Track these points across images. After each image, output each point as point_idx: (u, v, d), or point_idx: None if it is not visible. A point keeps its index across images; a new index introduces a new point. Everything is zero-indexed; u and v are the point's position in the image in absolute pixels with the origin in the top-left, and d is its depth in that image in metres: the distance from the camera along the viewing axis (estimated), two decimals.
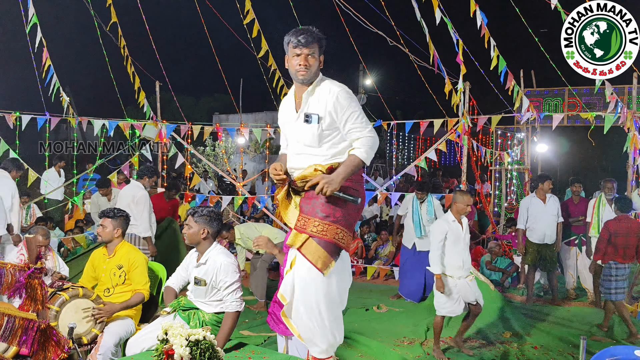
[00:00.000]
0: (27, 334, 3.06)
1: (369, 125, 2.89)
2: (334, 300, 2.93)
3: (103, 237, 4.20)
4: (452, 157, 21.76)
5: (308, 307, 2.89)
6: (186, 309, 3.70)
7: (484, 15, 6.42)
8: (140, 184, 6.48)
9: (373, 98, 24.78)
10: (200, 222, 3.65)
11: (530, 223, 6.99)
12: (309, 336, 2.94)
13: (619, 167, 13.36)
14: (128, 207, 6.18)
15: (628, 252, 5.81)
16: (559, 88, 9.70)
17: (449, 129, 7.86)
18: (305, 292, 2.89)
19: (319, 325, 2.90)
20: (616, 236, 5.83)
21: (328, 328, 2.91)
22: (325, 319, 2.90)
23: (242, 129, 9.27)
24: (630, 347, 3.13)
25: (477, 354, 5.14)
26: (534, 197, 7.04)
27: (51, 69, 7.83)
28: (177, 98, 9.52)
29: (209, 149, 20.48)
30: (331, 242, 2.86)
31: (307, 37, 2.84)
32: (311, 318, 2.89)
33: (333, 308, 2.94)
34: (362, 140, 2.85)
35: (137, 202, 6.27)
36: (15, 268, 3.18)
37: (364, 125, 2.87)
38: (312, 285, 2.87)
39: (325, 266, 2.84)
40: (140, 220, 6.26)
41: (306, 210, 2.91)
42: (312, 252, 2.86)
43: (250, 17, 8.00)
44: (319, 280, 2.86)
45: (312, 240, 2.86)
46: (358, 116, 2.86)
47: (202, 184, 12.78)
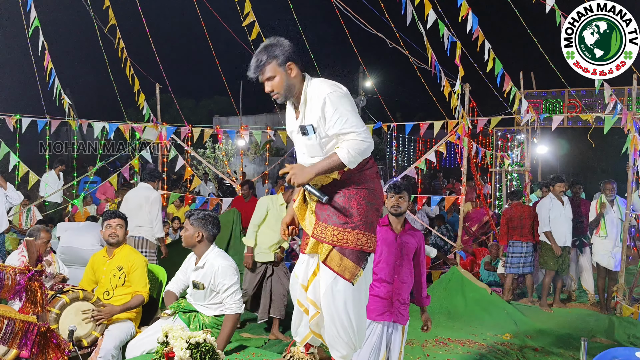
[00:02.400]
0: (27, 336, 3.05)
1: (361, 129, 2.57)
2: (362, 304, 2.82)
3: (120, 237, 4.21)
4: (452, 159, 21.77)
5: (336, 317, 2.75)
6: (186, 311, 3.69)
7: (475, 19, 6.42)
8: (149, 186, 6.46)
9: (373, 100, 24.80)
10: (196, 225, 3.66)
11: (551, 226, 6.85)
12: (331, 342, 2.82)
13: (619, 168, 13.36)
14: (140, 208, 6.16)
15: (524, 232, 7.14)
16: (559, 89, 9.71)
17: (449, 130, 7.86)
18: (333, 302, 2.73)
19: (344, 333, 2.77)
20: (512, 220, 7.21)
21: (353, 335, 2.80)
22: (354, 326, 2.78)
23: (242, 131, 9.27)
24: (632, 348, 3.13)
25: (477, 355, 5.13)
26: (554, 198, 6.94)
27: (53, 72, 7.84)
28: (177, 100, 9.52)
29: (209, 151, 20.49)
30: (355, 249, 2.67)
31: (256, 63, 2.62)
32: (338, 326, 2.76)
33: (361, 313, 2.83)
34: (351, 143, 2.54)
35: (152, 203, 6.25)
36: (16, 271, 3.17)
37: (355, 128, 2.54)
38: (340, 296, 2.71)
39: (353, 276, 2.68)
40: (155, 220, 6.26)
41: (322, 217, 2.73)
42: (337, 264, 2.68)
43: (250, 19, 8.01)
44: (349, 291, 2.71)
45: (336, 251, 2.68)
46: (348, 119, 2.54)
47: (202, 186, 12.78)
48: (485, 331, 5.83)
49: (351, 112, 2.57)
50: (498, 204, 11.17)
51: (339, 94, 2.58)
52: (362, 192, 2.71)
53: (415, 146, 21.44)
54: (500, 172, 11.06)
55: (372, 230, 2.75)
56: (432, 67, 7.18)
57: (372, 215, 2.74)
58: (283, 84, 2.63)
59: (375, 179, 2.81)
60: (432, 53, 7.06)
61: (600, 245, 6.81)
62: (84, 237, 6.06)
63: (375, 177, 2.82)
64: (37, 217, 9.10)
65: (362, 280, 2.76)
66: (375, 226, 2.79)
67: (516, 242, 7.18)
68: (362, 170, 2.72)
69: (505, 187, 10.95)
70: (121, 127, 8.31)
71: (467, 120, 7.67)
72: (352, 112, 2.58)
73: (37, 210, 9.30)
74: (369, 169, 2.76)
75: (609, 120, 6.68)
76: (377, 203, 2.77)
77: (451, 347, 5.33)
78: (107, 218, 4.25)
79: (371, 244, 2.74)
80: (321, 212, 2.74)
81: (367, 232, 2.70)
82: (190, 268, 3.76)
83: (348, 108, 2.58)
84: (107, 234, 4.19)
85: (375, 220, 2.79)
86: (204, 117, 27.64)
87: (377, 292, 3.61)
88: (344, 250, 2.68)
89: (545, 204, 7.00)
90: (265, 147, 16.30)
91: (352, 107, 2.61)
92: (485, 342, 5.47)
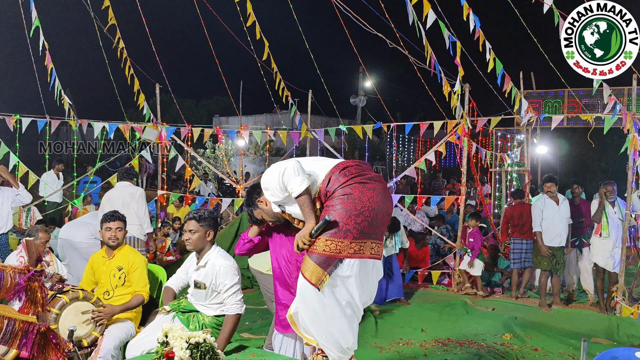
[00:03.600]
0: (27, 336, 3.06)
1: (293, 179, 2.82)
2: (333, 313, 2.90)
3: (120, 239, 4.19)
4: (452, 159, 21.76)
5: (311, 319, 2.91)
6: (185, 311, 3.69)
7: (477, 19, 6.42)
8: (129, 183, 6.56)
9: (373, 100, 24.82)
10: (205, 226, 3.65)
11: (544, 226, 6.85)
12: (321, 343, 2.97)
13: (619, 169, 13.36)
14: (126, 206, 6.19)
15: (524, 229, 7.40)
16: (559, 90, 9.71)
17: (449, 130, 7.86)
18: (306, 306, 2.91)
19: (324, 335, 2.92)
20: (513, 218, 7.58)
21: (335, 337, 2.92)
22: (331, 331, 2.91)
23: (242, 131, 9.27)
24: (631, 349, 3.13)
25: (476, 355, 5.13)
26: (547, 198, 6.93)
27: (53, 72, 7.84)
28: (177, 100, 9.53)
29: (209, 151, 20.49)
30: (321, 255, 2.79)
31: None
32: (316, 329, 2.92)
33: (335, 320, 2.91)
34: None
35: (138, 199, 6.31)
36: (15, 271, 3.17)
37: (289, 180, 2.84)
38: (310, 301, 2.88)
39: (319, 281, 2.80)
40: (144, 217, 6.32)
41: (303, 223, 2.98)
42: (307, 268, 2.83)
43: (251, 20, 8.02)
44: (315, 295, 2.84)
45: (307, 256, 2.85)
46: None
47: (202, 186, 12.79)
48: (485, 331, 5.83)
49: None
50: (498, 204, 11.17)
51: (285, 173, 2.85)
52: (336, 201, 2.82)
53: (415, 146, 21.46)
54: (500, 172, 11.06)
55: (342, 235, 2.78)
56: (431, 67, 7.18)
57: (348, 222, 2.79)
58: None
59: (354, 186, 2.85)
60: (432, 53, 7.06)
61: (599, 245, 6.80)
62: (79, 231, 6.12)
63: (355, 185, 2.85)
64: (37, 217, 9.10)
65: (328, 288, 2.84)
66: (356, 231, 2.80)
67: (517, 239, 7.50)
68: (340, 186, 2.84)
69: (505, 187, 10.95)
70: (121, 127, 8.31)
71: (467, 120, 7.67)
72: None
73: (37, 210, 9.29)
74: (344, 183, 2.85)
75: (609, 121, 6.68)
76: (358, 208, 2.80)
77: (450, 347, 5.33)
78: (107, 220, 4.19)
79: (341, 250, 2.78)
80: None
81: (337, 239, 2.78)
82: (191, 268, 3.76)
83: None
84: (107, 237, 4.16)
85: (351, 226, 2.79)
86: (204, 117, 27.67)
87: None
88: (312, 256, 2.82)
89: (537, 204, 7.02)
90: (265, 147, 16.31)
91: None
92: (485, 342, 5.47)
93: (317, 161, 3.08)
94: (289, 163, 2.88)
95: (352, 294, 2.92)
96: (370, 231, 2.83)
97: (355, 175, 2.88)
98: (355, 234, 2.79)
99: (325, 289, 2.83)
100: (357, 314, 3.00)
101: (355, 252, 2.81)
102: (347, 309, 2.92)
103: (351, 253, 2.80)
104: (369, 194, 2.84)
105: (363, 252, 2.83)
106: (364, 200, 2.81)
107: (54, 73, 7.84)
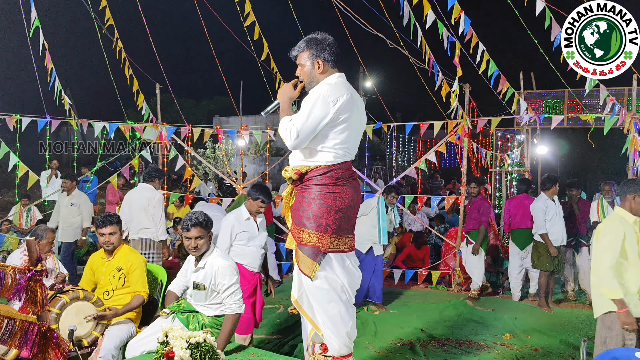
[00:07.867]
0: (27, 336, 3.05)
1: (298, 126, 2.90)
2: (331, 297, 3.05)
3: (115, 243, 4.18)
4: (452, 159, 21.77)
5: (311, 304, 3.10)
6: (185, 311, 3.69)
7: (468, 22, 6.41)
8: (150, 186, 6.32)
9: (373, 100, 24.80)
10: (209, 230, 3.66)
11: (548, 227, 6.75)
12: (323, 330, 3.09)
13: (619, 169, 13.36)
14: (144, 211, 6.11)
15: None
16: (559, 90, 9.71)
17: (449, 131, 7.86)
18: (306, 293, 3.11)
19: (325, 319, 3.06)
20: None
21: (334, 321, 3.06)
22: (329, 322, 3.06)
23: (242, 131, 9.27)
24: (632, 348, 3.13)
25: (476, 355, 5.13)
26: (548, 199, 6.83)
27: (53, 72, 7.84)
28: (177, 100, 9.53)
29: (209, 151, 20.50)
30: (308, 246, 2.98)
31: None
32: (318, 314, 3.08)
33: (333, 304, 3.06)
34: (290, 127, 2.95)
35: (155, 204, 6.15)
36: (16, 270, 3.17)
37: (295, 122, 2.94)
38: (307, 287, 3.08)
39: (311, 271, 2.98)
40: (159, 223, 6.16)
41: (293, 216, 3.10)
42: (300, 260, 3.03)
43: (251, 19, 8.02)
44: (310, 285, 3.04)
45: (298, 249, 3.03)
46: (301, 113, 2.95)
47: (202, 186, 12.78)
48: (485, 331, 5.83)
49: (306, 112, 2.89)
50: (498, 204, 11.17)
51: (322, 97, 2.90)
52: (316, 195, 2.97)
53: (415, 146, 21.45)
54: (500, 172, 11.06)
55: (322, 229, 2.95)
56: (430, 67, 7.18)
57: (324, 216, 2.95)
58: (307, 76, 3.11)
59: (335, 183, 2.97)
60: (430, 53, 7.06)
61: None
62: None
63: (335, 181, 2.97)
64: (37, 217, 9.11)
65: (323, 277, 3.00)
66: (335, 226, 2.97)
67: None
68: (322, 175, 2.96)
69: (505, 187, 10.95)
70: (121, 127, 8.31)
71: (467, 120, 7.67)
72: (308, 112, 2.89)
73: (37, 210, 9.29)
74: (328, 174, 2.96)
75: (609, 121, 6.68)
76: (338, 205, 2.96)
77: (450, 347, 5.33)
78: (99, 226, 4.17)
79: (324, 244, 2.96)
80: (293, 212, 3.09)
81: (316, 232, 2.95)
82: (190, 269, 3.76)
83: (308, 108, 2.91)
84: (102, 242, 4.17)
85: (331, 222, 2.96)
86: (204, 117, 27.66)
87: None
88: (302, 247, 3.01)
89: (539, 206, 6.84)
90: (265, 147, 16.31)
91: (314, 110, 2.90)
92: (485, 342, 5.47)
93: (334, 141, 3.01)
94: (335, 107, 2.89)
95: (342, 281, 3.09)
96: (345, 227, 3.03)
97: (347, 178, 3.05)
98: (334, 229, 2.97)
99: (320, 275, 3.01)
100: (350, 300, 3.16)
101: (333, 247, 3.00)
102: (342, 294, 3.08)
103: (330, 248, 2.99)
104: (349, 193, 3.02)
105: (339, 248, 3.03)
106: (345, 199, 2.99)
107: (54, 73, 7.84)
